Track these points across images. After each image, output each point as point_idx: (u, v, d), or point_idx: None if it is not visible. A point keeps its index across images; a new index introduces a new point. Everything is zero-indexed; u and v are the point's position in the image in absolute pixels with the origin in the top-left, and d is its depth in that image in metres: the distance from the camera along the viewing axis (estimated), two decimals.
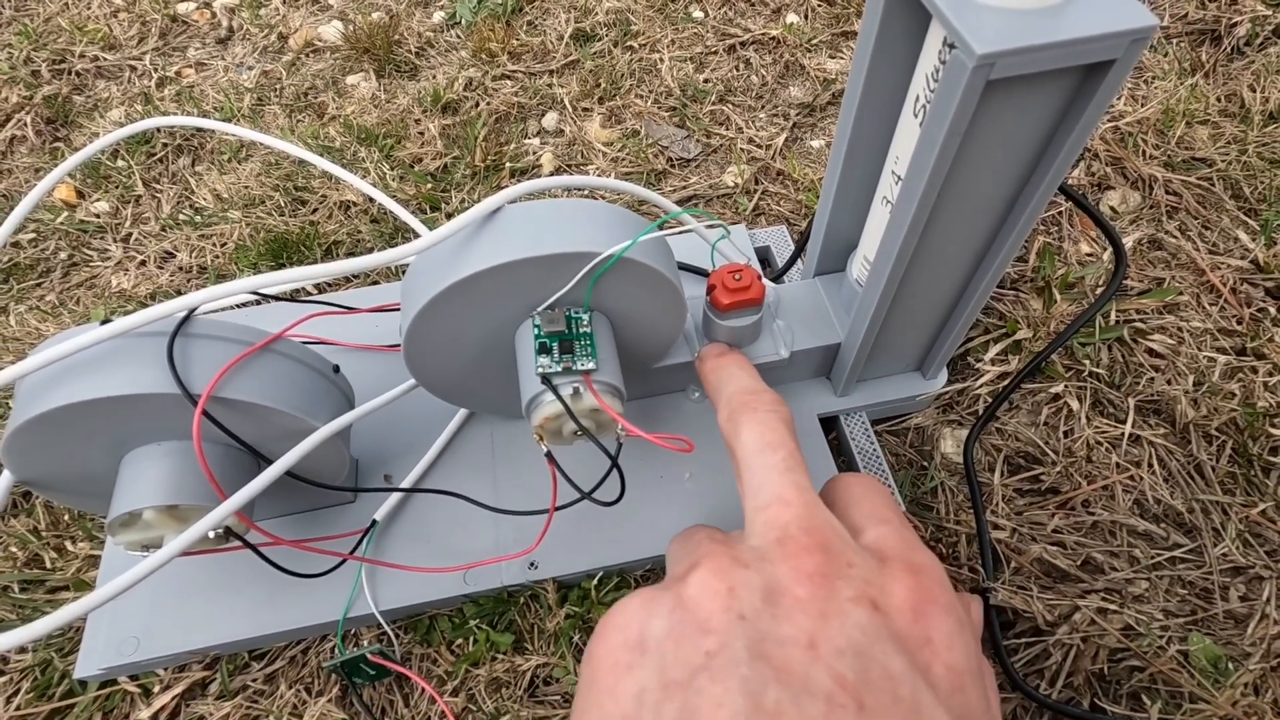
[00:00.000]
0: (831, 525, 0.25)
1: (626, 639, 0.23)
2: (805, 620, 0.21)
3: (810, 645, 0.20)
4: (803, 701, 0.19)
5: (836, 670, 0.20)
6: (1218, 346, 0.53)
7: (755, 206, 0.64)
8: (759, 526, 0.25)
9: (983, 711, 0.21)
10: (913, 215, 0.32)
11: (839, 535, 0.24)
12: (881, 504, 0.28)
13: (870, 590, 0.22)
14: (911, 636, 0.22)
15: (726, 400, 0.32)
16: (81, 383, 0.31)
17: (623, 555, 0.42)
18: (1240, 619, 0.42)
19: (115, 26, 0.84)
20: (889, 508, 0.28)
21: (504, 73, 0.76)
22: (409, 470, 0.44)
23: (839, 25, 0.78)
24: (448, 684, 0.41)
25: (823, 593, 0.22)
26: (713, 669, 0.20)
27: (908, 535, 0.26)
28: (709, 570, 0.23)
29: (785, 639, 0.21)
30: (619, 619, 0.24)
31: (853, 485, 0.29)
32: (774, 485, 0.26)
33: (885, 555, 0.24)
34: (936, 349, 0.45)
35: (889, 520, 0.27)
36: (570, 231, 0.33)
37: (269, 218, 0.63)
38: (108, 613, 0.41)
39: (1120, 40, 0.25)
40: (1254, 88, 0.68)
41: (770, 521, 0.25)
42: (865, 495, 0.28)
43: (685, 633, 0.22)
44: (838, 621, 0.21)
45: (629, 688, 0.22)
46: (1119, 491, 0.47)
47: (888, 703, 0.19)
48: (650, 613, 0.23)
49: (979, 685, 0.22)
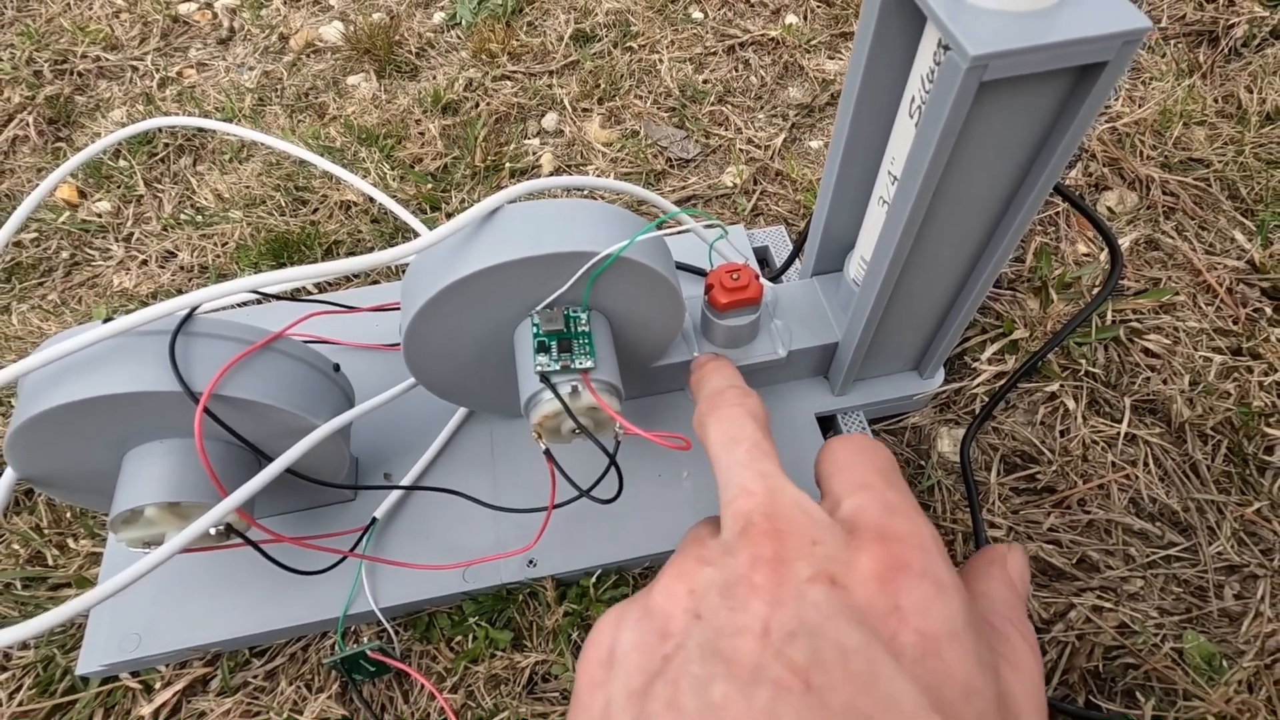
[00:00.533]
0: (798, 506, 0.24)
1: (599, 654, 0.23)
2: (760, 607, 0.21)
3: (763, 633, 0.20)
4: (750, 691, 0.19)
5: (785, 654, 0.20)
6: (1214, 346, 0.53)
7: (754, 207, 0.64)
8: (727, 521, 0.25)
9: (968, 674, 0.20)
10: (908, 215, 0.32)
11: (805, 515, 0.24)
12: (864, 469, 0.26)
13: (831, 566, 0.22)
14: (875, 608, 0.21)
15: (698, 404, 0.32)
16: (84, 381, 0.31)
17: (621, 553, 0.42)
18: (1235, 617, 0.42)
19: (117, 27, 0.85)
20: (873, 470, 0.26)
21: (504, 73, 0.76)
22: (409, 468, 0.45)
23: (838, 26, 0.79)
24: (447, 680, 0.41)
25: (779, 577, 0.21)
26: (667, 673, 0.21)
27: (889, 498, 0.25)
28: (671, 574, 0.24)
29: (740, 629, 0.21)
30: (596, 635, 0.24)
31: (838, 452, 0.28)
32: (738, 478, 0.26)
33: (857, 526, 0.24)
34: (933, 348, 0.45)
35: (869, 486, 0.25)
36: (569, 231, 0.33)
37: (270, 217, 0.64)
38: (109, 609, 0.41)
39: (1113, 42, 0.25)
40: (1251, 89, 0.68)
41: (735, 514, 0.25)
42: (850, 461, 0.27)
43: (647, 641, 0.22)
44: (792, 605, 0.21)
45: (599, 702, 0.22)
46: (1115, 490, 0.47)
47: (838, 679, 0.19)
48: (620, 626, 0.24)
49: (961, 647, 0.20)
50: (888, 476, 0.26)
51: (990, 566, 0.26)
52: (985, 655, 0.21)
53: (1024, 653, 0.23)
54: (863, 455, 0.27)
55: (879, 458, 0.27)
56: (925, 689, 0.19)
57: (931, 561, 0.22)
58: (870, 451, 0.27)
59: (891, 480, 0.26)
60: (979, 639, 0.21)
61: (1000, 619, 0.24)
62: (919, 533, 0.23)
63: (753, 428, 0.29)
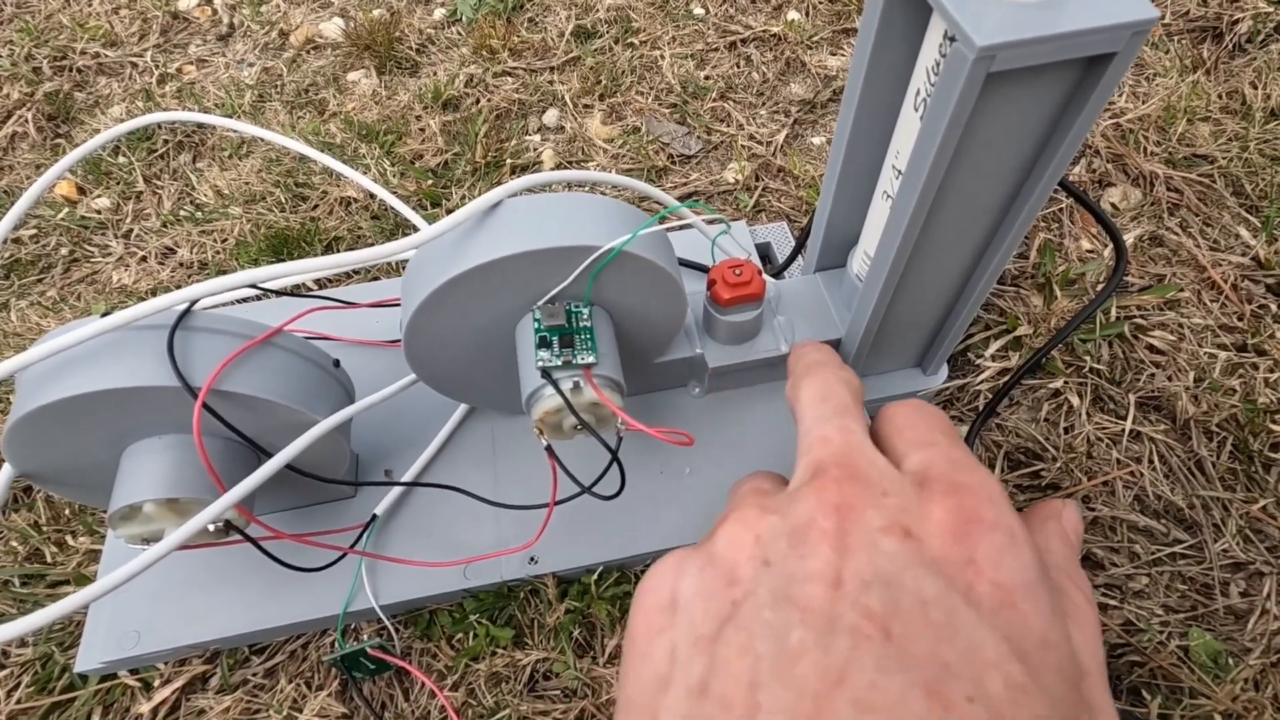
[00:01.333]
0: (868, 457, 0.24)
1: (659, 601, 0.23)
2: (831, 554, 0.21)
3: (835, 582, 0.20)
4: (827, 640, 0.19)
5: (862, 603, 0.19)
6: (1218, 343, 0.53)
7: (756, 203, 0.64)
8: (799, 470, 0.25)
9: (1044, 625, 0.20)
10: (913, 210, 0.32)
11: (875, 466, 0.24)
12: (928, 427, 0.26)
13: (904, 518, 0.22)
14: (950, 559, 0.21)
15: (794, 373, 0.31)
16: (82, 375, 0.31)
17: (623, 550, 0.42)
18: (1240, 615, 0.42)
19: (116, 23, 0.84)
20: (937, 429, 0.26)
21: (505, 69, 0.76)
22: (409, 465, 0.44)
23: (840, 22, 0.78)
24: (448, 678, 0.41)
25: (849, 524, 0.21)
26: (738, 619, 0.20)
27: (956, 454, 0.25)
28: (735, 521, 0.23)
29: (811, 575, 0.20)
30: (652, 582, 0.24)
31: (896, 414, 0.28)
32: (820, 430, 0.26)
33: (926, 479, 0.23)
34: (937, 345, 0.45)
35: (934, 443, 0.25)
36: (571, 225, 0.33)
37: (270, 214, 0.64)
38: (108, 607, 0.41)
39: (1121, 32, 0.25)
40: (1255, 85, 0.68)
41: (809, 463, 0.24)
42: (910, 422, 0.27)
43: (713, 588, 0.22)
44: (865, 554, 0.20)
45: (662, 647, 0.22)
46: (1119, 488, 0.47)
47: (919, 628, 0.19)
48: (681, 572, 0.23)
49: (1035, 598, 0.20)
50: (950, 435, 0.26)
51: (1047, 522, 0.26)
52: (1058, 607, 0.21)
53: (1084, 607, 0.23)
54: (924, 416, 0.27)
55: (939, 419, 0.27)
56: (1005, 638, 0.19)
57: (1002, 513, 0.22)
58: (930, 413, 0.28)
59: (954, 438, 0.26)
60: (1051, 591, 0.21)
61: (1059, 573, 0.24)
62: (988, 485, 0.23)
63: (845, 392, 0.28)
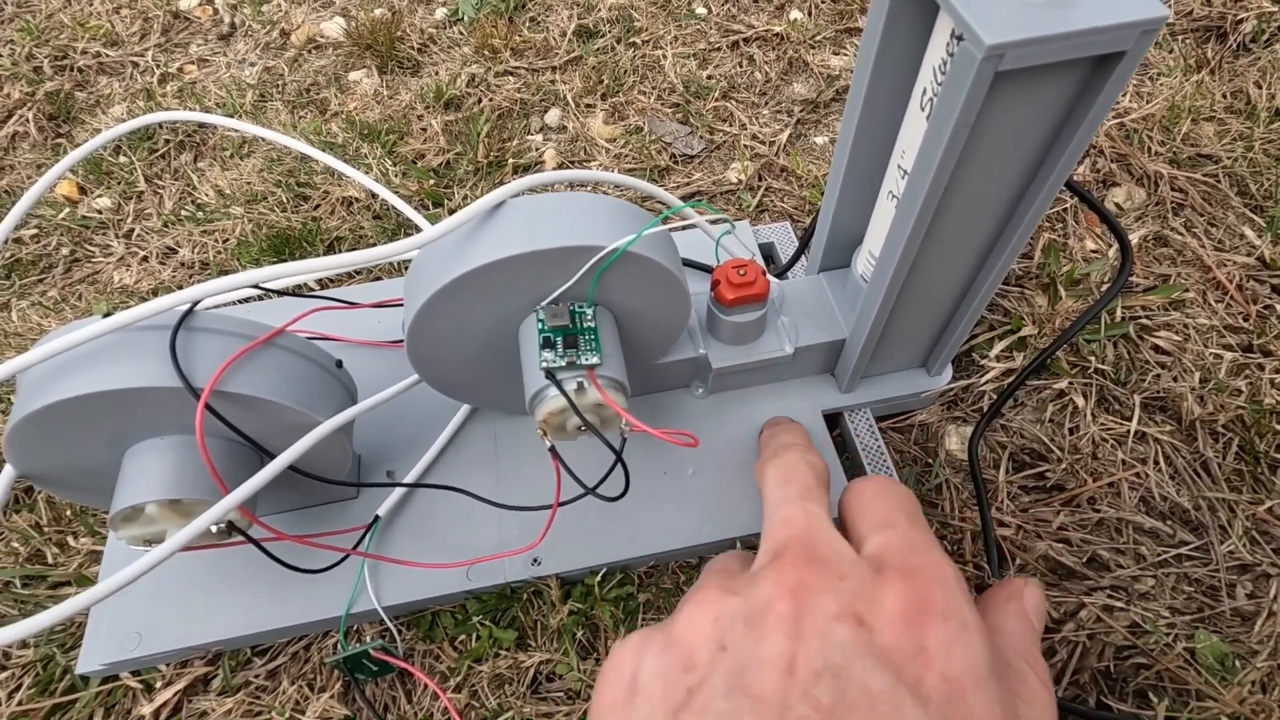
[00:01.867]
0: (828, 539, 0.25)
1: (621, 678, 0.24)
2: (784, 640, 0.21)
3: (788, 669, 0.21)
4: None
5: (813, 695, 0.20)
6: (1224, 343, 0.52)
7: (759, 203, 0.64)
8: (761, 551, 0.25)
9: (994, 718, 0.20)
10: (919, 210, 0.32)
11: (833, 548, 0.24)
12: (889, 507, 0.27)
13: (858, 604, 0.22)
14: (900, 648, 0.21)
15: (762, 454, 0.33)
16: (84, 376, 0.30)
17: (626, 551, 0.42)
18: (1247, 616, 0.42)
19: (117, 23, 0.84)
20: (897, 510, 0.27)
21: (506, 69, 0.76)
22: (412, 466, 0.44)
23: (842, 21, 0.78)
24: (450, 680, 0.41)
25: (804, 608, 0.22)
26: (692, 706, 0.21)
27: (914, 537, 0.25)
28: (696, 603, 0.24)
29: (765, 660, 0.21)
30: (617, 659, 0.25)
31: (861, 492, 0.29)
32: (783, 511, 0.26)
33: (883, 563, 0.24)
34: (941, 345, 0.45)
35: (894, 524, 0.26)
36: (574, 226, 0.33)
37: (271, 213, 0.63)
38: (110, 608, 0.41)
39: (1130, 31, 0.25)
40: (1260, 84, 0.67)
41: (771, 545, 0.25)
42: (873, 500, 0.28)
43: (671, 671, 0.22)
44: (817, 641, 0.21)
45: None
46: (1125, 489, 0.47)
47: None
48: (643, 652, 0.24)
49: (984, 691, 0.21)
50: (911, 516, 0.27)
51: (1008, 603, 0.27)
52: (1006, 699, 0.22)
53: (1039, 693, 0.24)
54: (887, 495, 0.28)
55: (902, 498, 0.28)
56: None
57: (955, 600, 0.23)
58: (894, 492, 0.28)
59: (915, 519, 0.27)
60: (1001, 682, 0.22)
61: (1016, 656, 0.25)
62: (942, 570, 0.24)
63: (808, 474, 0.29)
